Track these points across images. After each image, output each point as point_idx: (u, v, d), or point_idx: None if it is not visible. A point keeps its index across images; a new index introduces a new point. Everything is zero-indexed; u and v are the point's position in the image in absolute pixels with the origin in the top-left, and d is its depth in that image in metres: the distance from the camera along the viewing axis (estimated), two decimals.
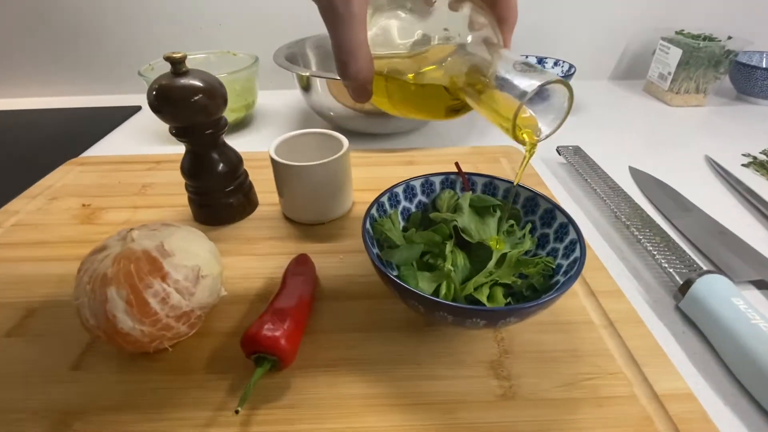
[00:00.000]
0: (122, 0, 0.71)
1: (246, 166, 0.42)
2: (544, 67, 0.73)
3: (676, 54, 0.67)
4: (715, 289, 0.30)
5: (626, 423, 0.24)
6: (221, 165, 0.38)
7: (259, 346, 0.25)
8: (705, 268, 0.35)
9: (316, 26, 0.71)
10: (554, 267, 0.28)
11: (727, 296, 0.29)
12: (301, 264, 0.32)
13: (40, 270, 0.36)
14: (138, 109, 0.73)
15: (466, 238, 0.29)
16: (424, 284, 0.27)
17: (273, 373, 0.26)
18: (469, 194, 0.31)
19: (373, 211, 0.30)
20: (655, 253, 0.36)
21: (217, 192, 0.39)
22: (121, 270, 0.24)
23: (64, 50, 0.75)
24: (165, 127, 0.65)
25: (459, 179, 0.34)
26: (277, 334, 0.25)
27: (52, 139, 0.61)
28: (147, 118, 0.70)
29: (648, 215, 0.41)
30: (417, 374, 0.27)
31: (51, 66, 0.76)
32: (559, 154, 0.53)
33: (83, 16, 0.72)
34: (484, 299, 0.26)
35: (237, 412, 0.22)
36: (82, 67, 0.77)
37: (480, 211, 0.30)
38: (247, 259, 0.36)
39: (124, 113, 0.71)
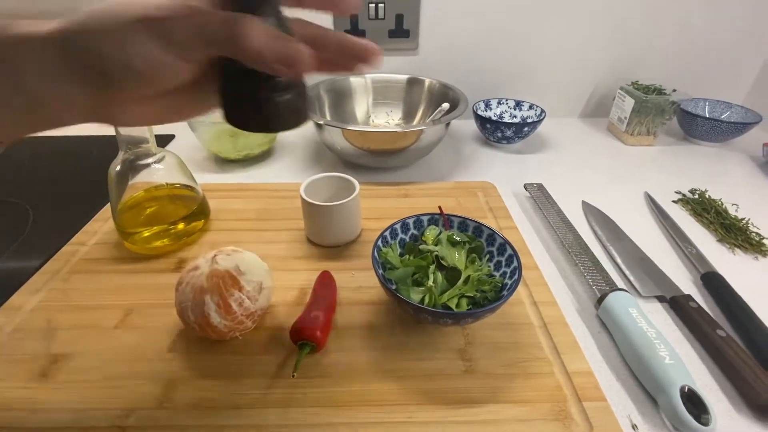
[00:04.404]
0: None
1: (273, 196, 0.53)
2: (521, 108, 0.86)
3: (630, 103, 0.80)
4: (619, 302, 0.43)
5: (545, 389, 0.36)
6: None
7: (303, 335, 0.37)
8: (622, 286, 0.47)
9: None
10: (501, 285, 0.40)
11: (626, 306, 0.42)
12: (325, 279, 0.45)
13: (127, 280, 0.48)
14: (172, 137, 0.85)
15: (443, 263, 0.41)
16: (414, 295, 0.39)
17: (310, 355, 0.38)
18: (446, 232, 0.43)
19: (379, 242, 0.42)
20: (585, 273, 0.48)
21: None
22: (213, 284, 0.36)
23: None
24: (199, 154, 0.77)
25: (441, 218, 0.46)
26: (315, 327, 0.37)
27: (99, 165, 0.73)
28: (181, 146, 0.81)
29: (586, 243, 0.53)
30: (408, 356, 0.39)
31: None
32: (526, 190, 0.65)
33: None
34: (453, 306, 0.38)
35: (294, 376, 0.34)
36: None
37: (454, 243, 0.43)
38: (283, 273, 0.48)
39: (161, 142, 0.83)
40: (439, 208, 0.46)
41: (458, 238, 0.43)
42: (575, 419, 0.34)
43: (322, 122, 0.64)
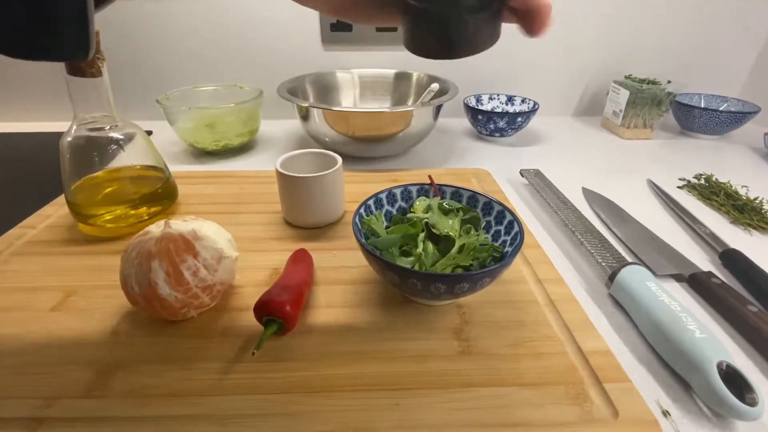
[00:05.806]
0: (140, 37, 0.81)
1: (250, 182, 0.48)
2: (513, 103, 0.83)
3: (624, 95, 0.78)
4: (634, 276, 0.38)
5: (557, 370, 0.30)
6: None
7: (269, 310, 0.31)
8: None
9: (313, 65, 0.81)
10: (502, 252, 0.35)
11: (642, 280, 0.37)
12: (300, 255, 0.39)
13: (74, 262, 0.42)
14: (150, 133, 0.81)
15: (434, 231, 0.36)
16: (401, 264, 0.34)
17: (278, 336, 0.32)
18: (438, 198, 0.39)
19: (362, 210, 0.37)
20: (593, 251, 0.43)
21: None
22: (163, 248, 0.31)
23: None
24: (177, 148, 0.72)
25: (432, 189, 0.42)
26: (283, 301, 0.31)
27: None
28: (158, 141, 0.77)
29: (590, 223, 0.49)
30: (395, 337, 0.33)
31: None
32: (522, 176, 0.61)
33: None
34: None
35: (254, 353, 0.28)
36: None
37: (446, 211, 0.38)
38: (254, 254, 0.43)
39: None
40: (429, 177, 0.42)
41: (450, 206, 0.38)
42: (595, 402, 0.28)
43: (306, 104, 0.61)
